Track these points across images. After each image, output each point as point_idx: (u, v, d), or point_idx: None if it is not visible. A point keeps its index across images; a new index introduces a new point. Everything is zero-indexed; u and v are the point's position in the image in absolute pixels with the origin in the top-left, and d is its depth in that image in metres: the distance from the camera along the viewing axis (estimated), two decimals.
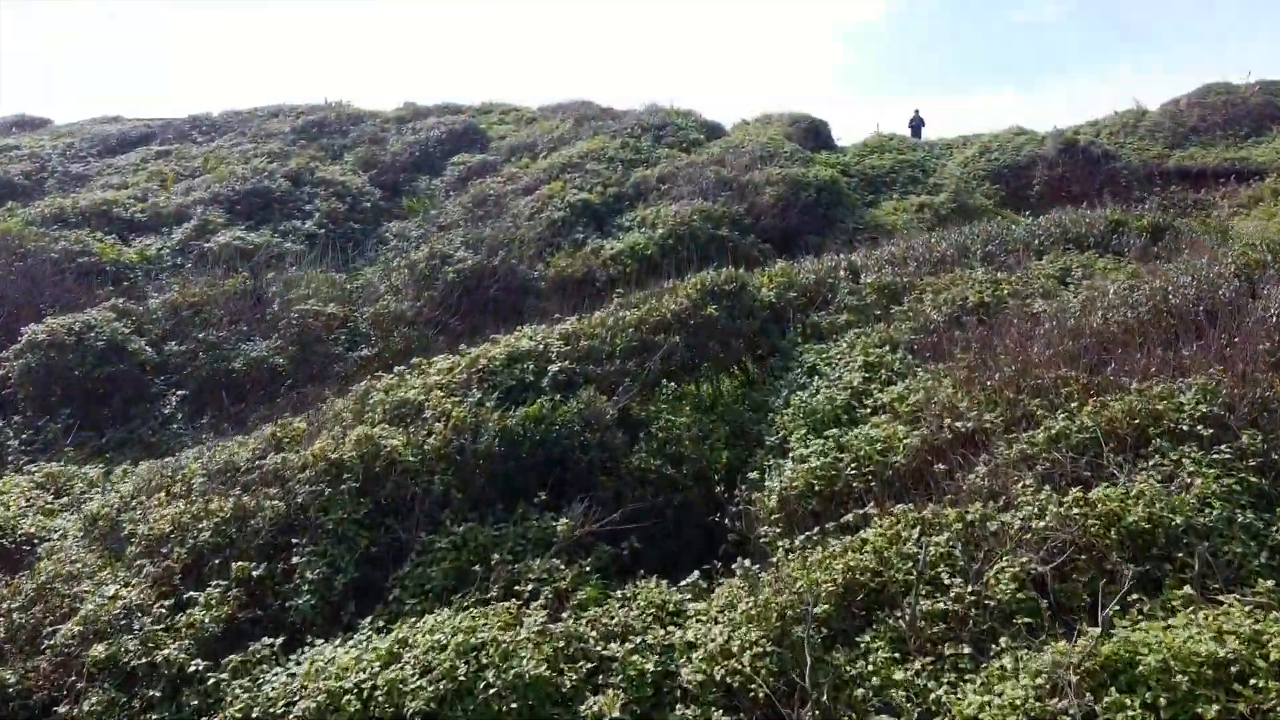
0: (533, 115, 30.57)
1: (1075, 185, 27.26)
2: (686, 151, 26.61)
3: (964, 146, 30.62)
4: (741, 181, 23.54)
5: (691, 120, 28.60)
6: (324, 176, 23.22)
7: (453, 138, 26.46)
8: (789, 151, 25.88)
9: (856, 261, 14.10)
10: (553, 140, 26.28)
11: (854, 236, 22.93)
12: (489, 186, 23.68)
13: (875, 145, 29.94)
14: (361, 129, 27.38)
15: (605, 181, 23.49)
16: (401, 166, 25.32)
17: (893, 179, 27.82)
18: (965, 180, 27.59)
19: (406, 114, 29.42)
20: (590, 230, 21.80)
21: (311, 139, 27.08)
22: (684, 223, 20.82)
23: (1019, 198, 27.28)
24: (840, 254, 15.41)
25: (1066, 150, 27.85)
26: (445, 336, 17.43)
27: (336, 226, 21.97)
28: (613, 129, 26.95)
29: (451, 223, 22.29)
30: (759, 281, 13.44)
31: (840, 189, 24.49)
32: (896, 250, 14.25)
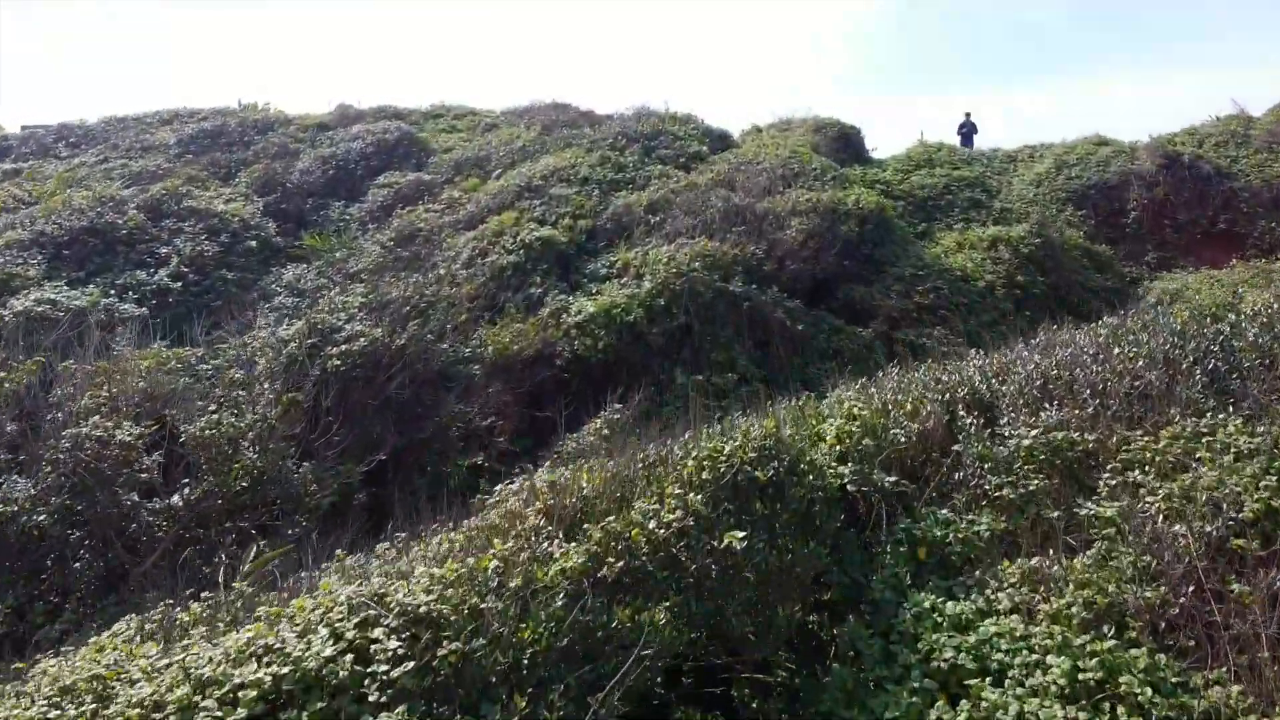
0: (494, 120, 24.51)
1: (1181, 211, 21.28)
2: (685, 168, 20.59)
3: (1031, 160, 24.61)
4: (758, 211, 17.51)
5: (691, 128, 22.58)
6: (195, 205, 17.16)
7: (381, 151, 20.43)
8: (818, 168, 19.86)
9: (981, 386, 8.00)
10: (511, 154, 20.25)
11: (912, 286, 16.93)
12: (419, 217, 17.65)
13: (920, 157, 23.92)
14: (267, 139, 21.33)
15: (576, 211, 17.46)
16: (311, 189, 19.28)
17: (948, 202, 21.78)
18: (1043, 204, 21.58)
19: (332, 119, 23.34)
20: (552, 280, 15.76)
21: (202, 152, 21.03)
22: (681, 272, 14.80)
23: (1112, 227, 21.29)
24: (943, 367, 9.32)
25: (1168, 166, 21.84)
26: (314, 461, 11.46)
27: (203, 277, 15.93)
28: (590, 139, 20.93)
29: (364, 269, 16.26)
30: (816, 434, 7.37)
31: (889, 219, 18.45)
32: (1049, 367, 8.10)
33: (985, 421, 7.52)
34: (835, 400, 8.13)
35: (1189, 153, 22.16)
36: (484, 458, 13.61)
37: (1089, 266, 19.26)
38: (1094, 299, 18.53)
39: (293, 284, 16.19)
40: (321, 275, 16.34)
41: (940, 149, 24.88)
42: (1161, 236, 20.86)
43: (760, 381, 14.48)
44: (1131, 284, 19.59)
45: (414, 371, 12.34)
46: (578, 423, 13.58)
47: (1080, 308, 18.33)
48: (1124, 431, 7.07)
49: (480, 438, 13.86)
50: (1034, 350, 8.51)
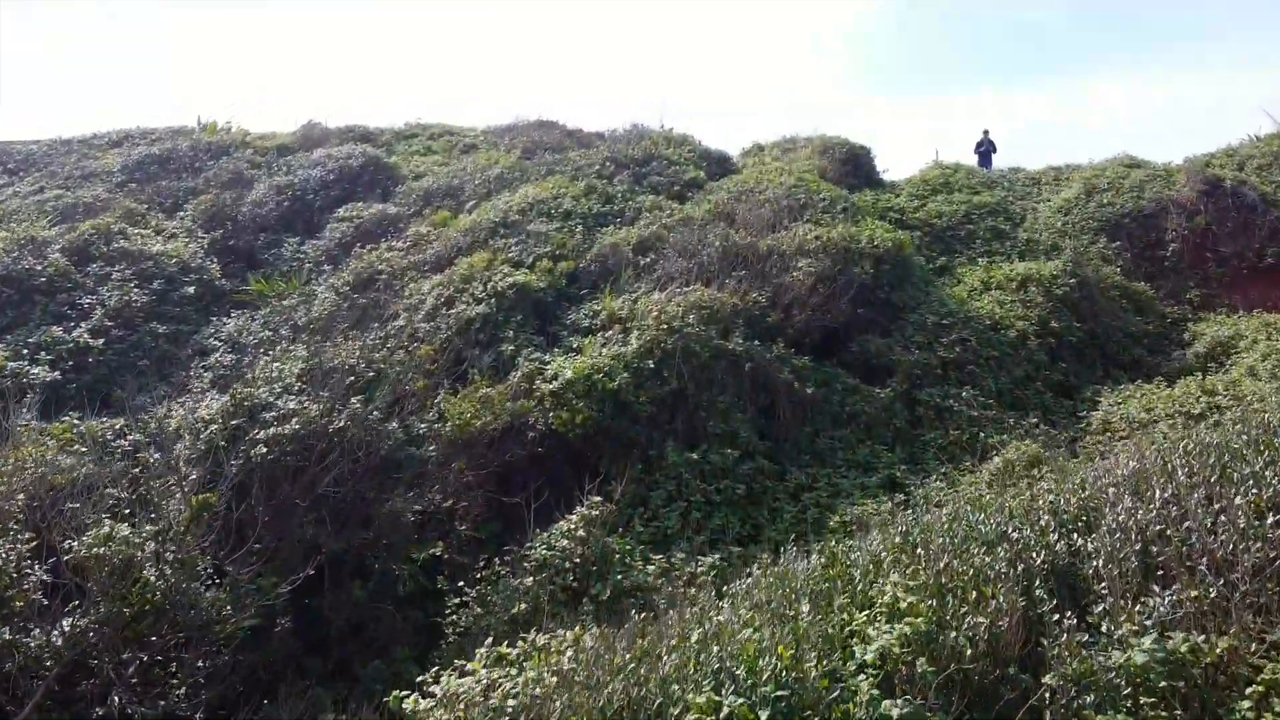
0: (473, 141, 22.59)
1: (1224, 242, 19.33)
2: (680, 197, 18.67)
3: (1057, 183, 22.68)
4: (760, 250, 15.59)
5: (687, 150, 20.66)
6: (127, 247, 15.23)
7: (344, 179, 18.48)
8: (826, 198, 17.93)
9: (1059, 545, 6.04)
10: (487, 182, 18.31)
11: (935, 337, 14.98)
12: (380, 258, 15.72)
13: (936, 180, 22.00)
14: (220, 165, 19.39)
15: (557, 250, 15.53)
16: (264, 222, 17.34)
17: (969, 232, 19.86)
18: (1074, 234, 19.65)
19: (295, 141, 21.40)
20: (526, 334, 13.83)
21: (148, 180, 19.09)
22: (673, 328, 12.88)
23: (1149, 260, 19.33)
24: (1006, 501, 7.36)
25: (1208, 192, 19.89)
26: (230, 577, 9.54)
27: (129, 331, 14.01)
28: (576, 165, 19.01)
29: (315, 320, 14.34)
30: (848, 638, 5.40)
31: (908, 259, 16.51)
32: (1148, 518, 6.14)
33: (1072, 601, 5.60)
34: (871, 561, 6.16)
35: (1230, 177, 20.21)
36: (444, 548, 11.72)
37: (1127, 308, 17.33)
38: (1134, 345, 16.62)
39: (233, 337, 14.27)
40: (267, 326, 14.43)
41: (957, 170, 22.96)
42: (1204, 271, 18.91)
43: (765, 456, 12.58)
44: (1173, 326, 17.65)
45: (355, 460, 10.41)
46: (553, 510, 11.73)
47: (1120, 356, 16.45)
48: (1259, 628, 5.14)
49: (440, 522, 11.99)
50: (1123, 489, 6.52)
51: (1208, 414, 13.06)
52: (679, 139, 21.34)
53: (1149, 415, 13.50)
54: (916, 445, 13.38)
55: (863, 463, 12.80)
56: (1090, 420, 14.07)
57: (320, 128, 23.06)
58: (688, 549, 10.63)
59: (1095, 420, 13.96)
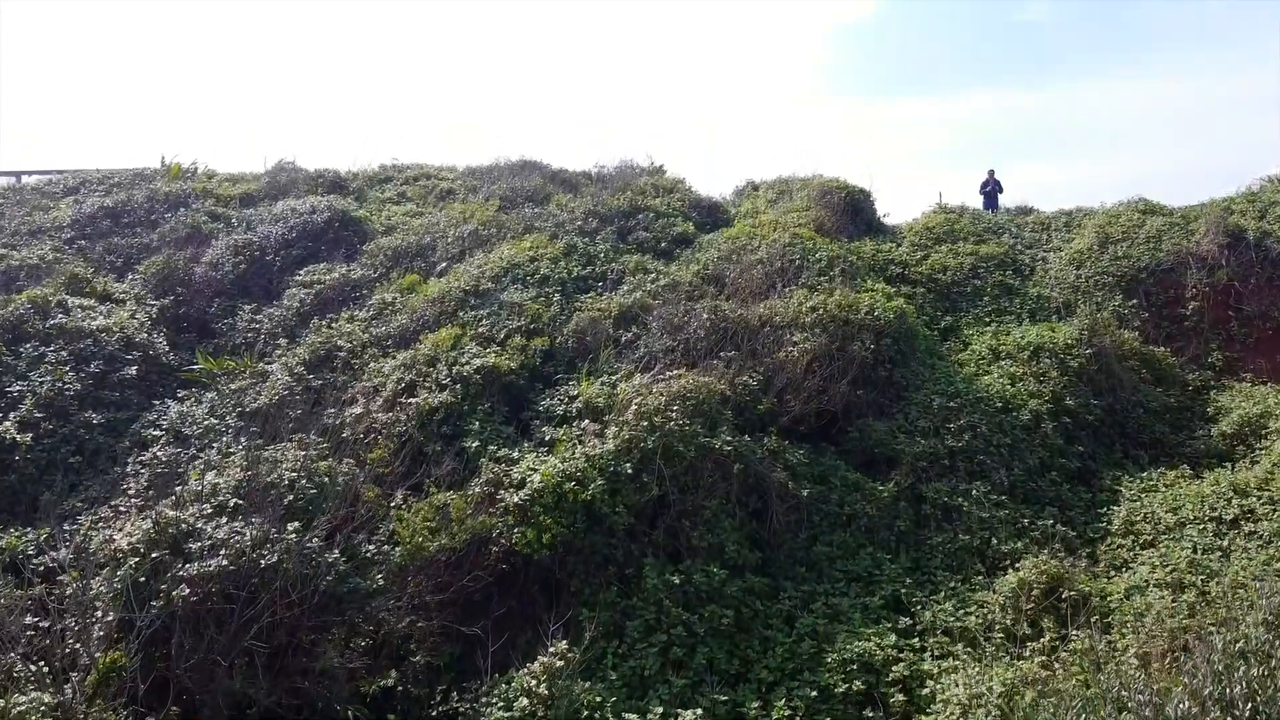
0: (450, 186, 21.35)
1: (1248, 300, 18.13)
2: (667, 254, 17.47)
3: (1068, 229, 21.49)
4: (752, 323, 14.39)
5: (676, 199, 19.46)
6: (64, 323, 13.99)
7: (307, 235, 17.23)
8: (824, 259, 16.70)
9: None
10: (460, 240, 17.08)
11: (942, 422, 13.74)
12: (340, 331, 14.50)
13: (940, 228, 20.81)
14: (178, 218, 18.14)
15: (531, 323, 14.33)
16: (219, 286, 16.11)
17: (976, 288, 18.67)
18: (1088, 291, 18.46)
19: (261, 188, 20.15)
20: (494, 424, 12.63)
21: (100, 235, 17.86)
22: (655, 424, 11.66)
23: (1168, 319, 18.10)
24: None
25: (1230, 246, 18.71)
26: None
27: (62, 422, 12.78)
28: (556, 220, 17.79)
29: (265, 405, 13.12)
30: None
31: (911, 330, 15.32)
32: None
33: None
34: None
35: (1253, 228, 19.03)
36: (397, 678, 10.56)
37: (1147, 378, 16.13)
38: (1155, 422, 15.40)
39: (176, 426, 13.05)
40: (214, 413, 13.21)
41: (962, 216, 21.79)
42: (1226, 331, 17.72)
43: (756, 570, 11.36)
44: (1196, 396, 16.45)
45: (291, 602, 9.20)
46: (518, 637, 10.58)
47: (1140, 434, 15.21)
48: None
49: (392, 645, 10.80)
50: None
51: (1241, 520, 11.92)
52: (668, 185, 20.15)
53: (1175, 516, 12.32)
54: (922, 550, 12.17)
55: (864, 575, 11.58)
56: (1111, 517, 12.89)
57: (290, 170, 21.85)
58: (668, 695, 9.47)
59: (1117, 519, 12.77)
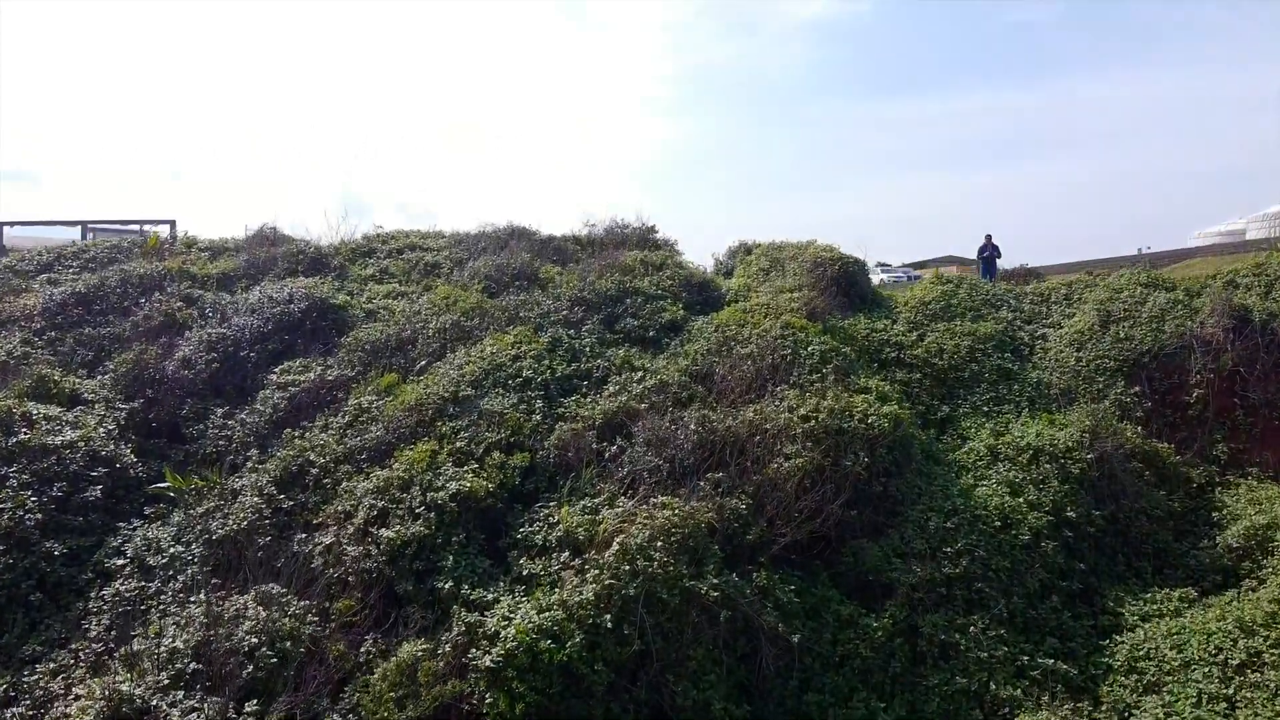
0: (435, 260, 20.80)
1: (1255, 387, 17.57)
2: (655, 343, 16.94)
3: (1068, 301, 20.97)
4: (742, 432, 13.85)
5: (666, 277, 18.91)
6: (28, 440, 13.37)
7: (285, 327, 16.66)
8: (816, 354, 16.16)
9: None
10: (442, 331, 16.54)
11: (939, 545, 13.18)
12: (313, 444, 13.95)
13: (936, 302, 20.25)
14: (152, 303, 17.56)
15: (512, 435, 13.79)
16: (191, 386, 15.54)
17: (973, 373, 18.12)
18: (1089, 376, 17.92)
19: (241, 266, 19.57)
20: (469, 557, 12.09)
21: (71, 325, 17.32)
22: (637, 569, 11.10)
23: (1171, 407, 17.56)
24: None
25: (1236, 328, 18.15)
26: None
27: (23, 554, 12.18)
28: (541, 308, 17.23)
29: (232, 532, 12.56)
30: None
31: (910, 440, 14.77)
32: None
33: None
34: None
35: (1259, 309, 18.47)
36: None
37: (1150, 479, 15.59)
38: (1159, 530, 14.86)
39: (140, 555, 12.52)
40: (179, 539, 12.67)
41: (959, 286, 21.27)
42: (1231, 420, 17.19)
43: None
44: (1200, 494, 15.93)
45: None
46: None
47: (1143, 544, 14.68)
48: None
49: None
50: None
51: (1247, 666, 11.39)
52: (657, 261, 19.61)
53: (1180, 656, 11.80)
54: (918, 693, 11.64)
55: None
56: (1114, 651, 12.37)
57: (270, 239, 21.32)
58: None
59: (1120, 654, 12.25)
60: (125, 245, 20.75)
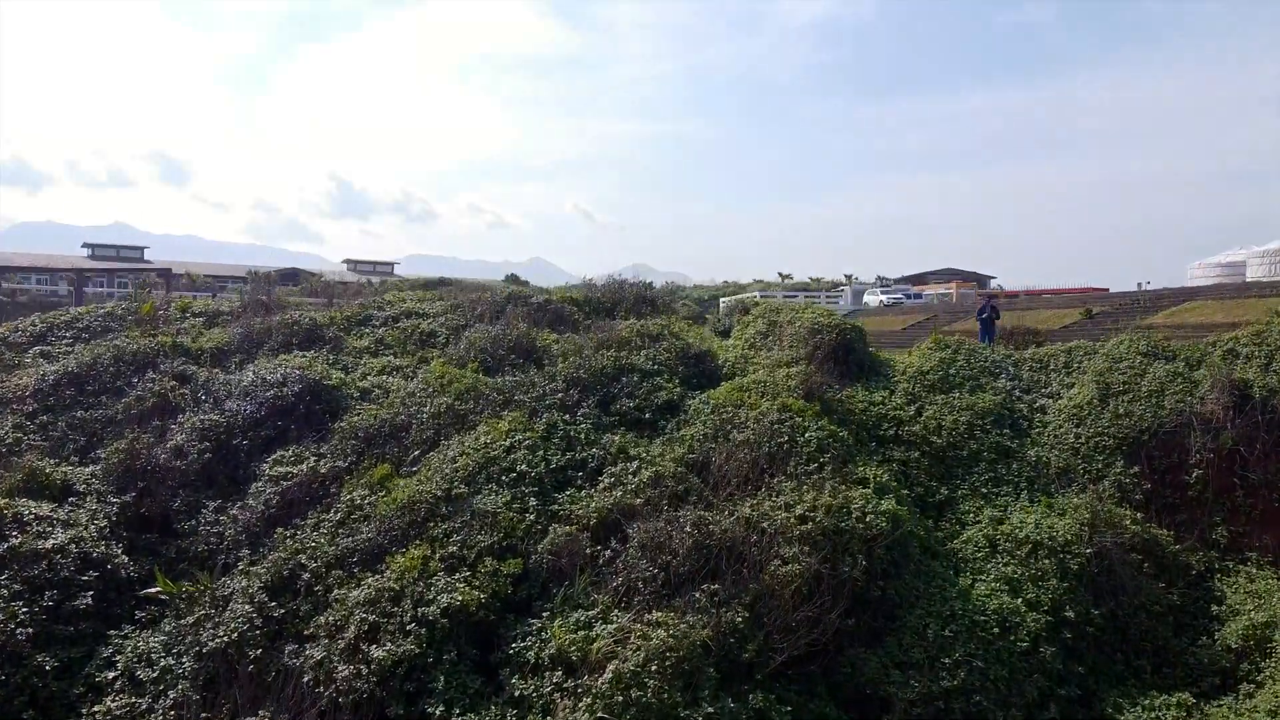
0: (431, 327, 20.68)
1: (1254, 468, 17.41)
2: (652, 426, 16.84)
3: (1067, 370, 20.83)
4: (738, 534, 13.73)
5: (663, 353, 18.79)
6: (18, 546, 13.22)
7: (278, 412, 16.52)
8: (813, 441, 16.02)
9: None
10: (436, 417, 16.42)
11: (936, 655, 13.07)
12: (304, 546, 13.82)
13: (935, 372, 20.14)
14: (145, 383, 17.44)
15: (505, 538, 13.68)
16: (183, 476, 15.42)
17: (972, 452, 18.01)
18: (1088, 455, 17.79)
19: (232, 341, 19.38)
20: (460, 677, 11.96)
21: (65, 407, 17.17)
22: (631, 698, 10.99)
23: (1171, 487, 17.43)
24: None
25: (1236, 406, 18.02)
26: None
27: (15, 668, 12.04)
28: (537, 391, 17.10)
29: (221, 643, 12.44)
30: None
31: (909, 539, 14.64)
32: None
33: None
34: None
35: (1259, 384, 18.34)
36: None
37: (1150, 571, 15.46)
38: (1158, 626, 14.75)
39: (132, 668, 12.42)
40: (169, 650, 12.57)
41: (958, 354, 21.16)
42: (1231, 501, 17.06)
43: None
44: (1200, 582, 15.81)
45: None
46: None
47: (1143, 642, 14.56)
48: None
49: None
50: None
51: None
52: (654, 332, 19.51)
53: None
54: None
55: None
56: None
57: (266, 306, 21.20)
58: None
59: None
60: (119, 312, 20.62)
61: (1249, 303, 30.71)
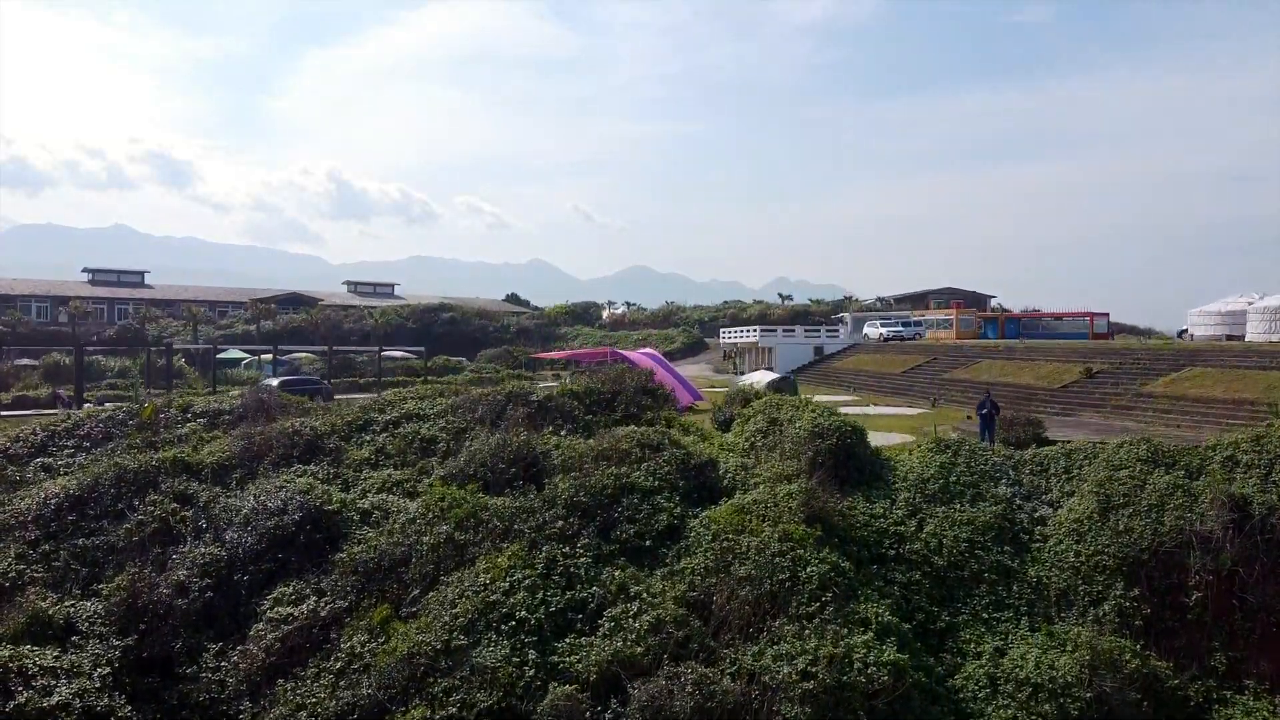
0: (433, 433, 20.64)
1: (1254, 590, 17.46)
2: (653, 554, 16.85)
3: (1068, 474, 20.84)
4: (738, 693, 13.77)
5: (664, 465, 18.79)
6: (23, 705, 13.33)
7: (279, 542, 16.48)
8: (816, 578, 16.01)
9: None
10: (435, 547, 16.42)
11: None
12: (304, 703, 13.83)
13: (935, 480, 20.15)
14: (145, 506, 17.42)
15: (504, 698, 13.67)
16: (184, 615, 15.40)
17: (974, 573, 18.03)
18: (1088, 575, 17.82)
19: (233, 457, 19.35)
20: None
21: (65, 534, 17.13)
22: None
23: (1171, 609, 17.46)
24: None
25: (1236, 524, 18.05)
26: None
27: None
28: (539, 521, 17.09)
29: None
30: None
31: (910, 693, 14.62)
32: None
33: None
34: None
35: (1260, 503, 18.34)
36: None
37: (1149, 710, 15.49)
38: None
39: None
40: None
41: (958, 456, 21.19)
42: (1230, 625, 17.12)
43: None
44: (1199, 714, 15.87)
45: None
46: None
47: None
48: None
49: None
50: None
51: None
52: (655, 441, 19.51)
53: None
54: None
55: None
56: None
57: (267, 407, 21.22)
58: None
59: None
60: (120, 416, 20.65)
61: (1249, 375, 30.74)
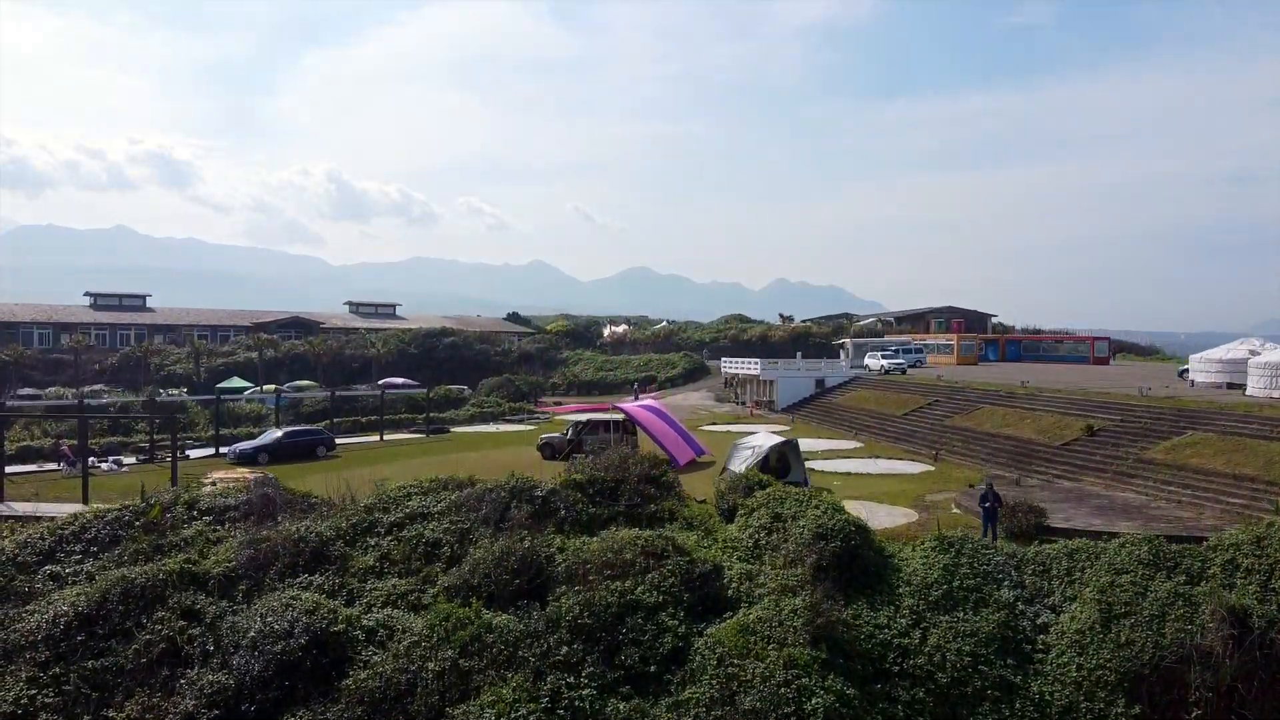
0: (435, 535, 20.76)
1: (1252, 706, 17.64)
2: (658, 680, 16.95)
3: (1069, 576, 20.91)
4: None
5: (667, 576, 18.87)
6: None
7: (285, 668, 16.30)
8: (820, 710, 16.11)
9: None
10: (440, 675, 16.49)
11: None
12: None
13: (939, 584, 20.22)
14: (153, 625, 17.48)
15: None
16: None
17: (977, 690, 18.11)
18: (1090, 689, 17.92)
19: (239, 565, 19.37)
20: None
21: (75, 653, 17.20)
22: None
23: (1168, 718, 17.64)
24: None
25: (1236, 638, 18.17)
26: None
27: None
28: (542, 648, 17.14)
29: None
30: None
31: None
32: None
33: None
34: None
35: (1260, 615, 18.47)
36: None
37: None
38: None
39: None
40: None
41: (961, 555, 21.28)
42: None
43: None
44: None
45: None
46: None
47: None
48: None
49: None
50: None
51: None
52: (659, 549, 19.60)
53: None
54: None
55: None
56: None
57: (271, 501, 21.32)
58: None
59: None
60: (126, 517, 20.77)
61: (1250, 444, 30.82)
